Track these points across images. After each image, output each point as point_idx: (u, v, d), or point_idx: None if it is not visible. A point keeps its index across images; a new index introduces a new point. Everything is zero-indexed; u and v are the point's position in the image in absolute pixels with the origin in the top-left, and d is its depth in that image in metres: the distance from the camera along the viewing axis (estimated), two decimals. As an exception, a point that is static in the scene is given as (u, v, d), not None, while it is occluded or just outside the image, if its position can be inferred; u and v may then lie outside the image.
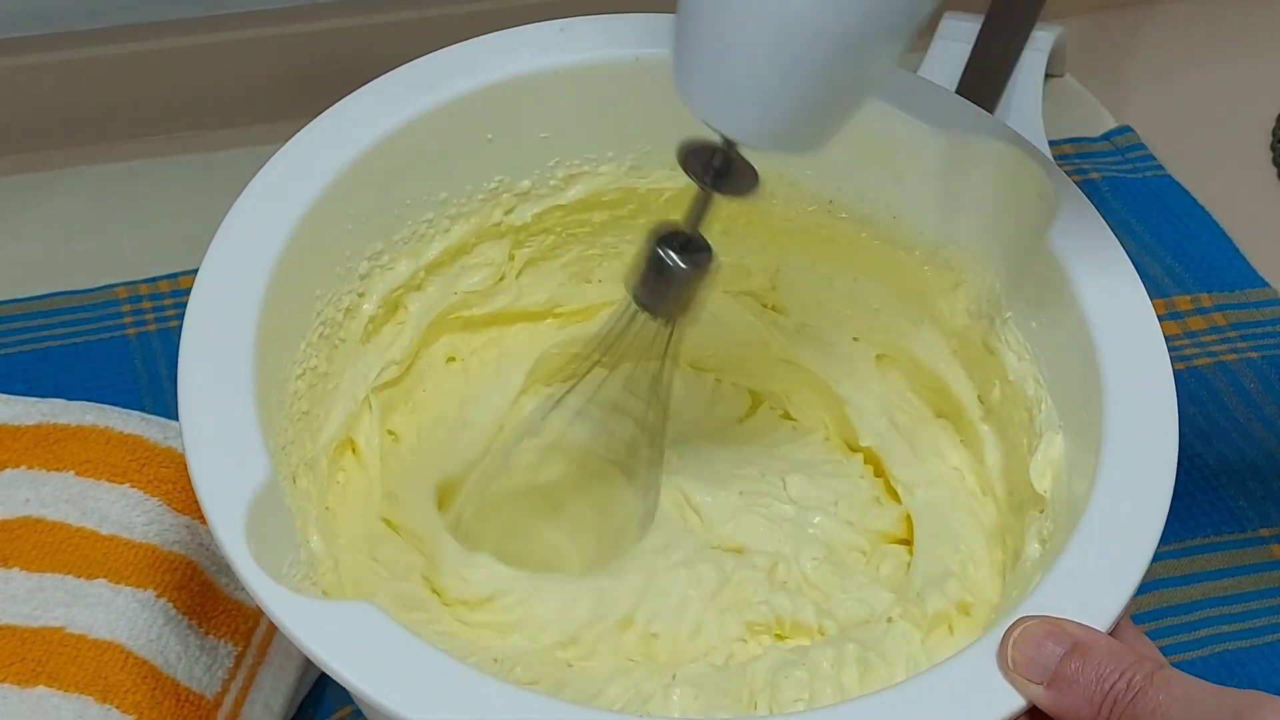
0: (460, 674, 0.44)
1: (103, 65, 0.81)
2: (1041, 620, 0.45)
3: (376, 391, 0.58)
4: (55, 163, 0.82)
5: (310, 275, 0.54)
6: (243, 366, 0.48)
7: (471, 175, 0.58)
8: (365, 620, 0.44)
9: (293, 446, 0.53)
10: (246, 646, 0.58)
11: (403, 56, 0.56)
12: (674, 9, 0.47)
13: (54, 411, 0.62)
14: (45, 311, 0.74)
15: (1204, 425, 0.70)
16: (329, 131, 0.54)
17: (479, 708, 0.43)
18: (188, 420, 0.47)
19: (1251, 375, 0.72)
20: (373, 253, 0.56)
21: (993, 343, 0.57)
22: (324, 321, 0.55)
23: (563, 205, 0.61)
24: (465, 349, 0.62)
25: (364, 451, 0.58)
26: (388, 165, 0.55)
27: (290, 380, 0.53)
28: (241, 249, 0.51)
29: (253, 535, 0.45)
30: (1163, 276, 0.77)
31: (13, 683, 0.55)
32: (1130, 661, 0.44)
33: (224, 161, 0.82)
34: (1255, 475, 0.68)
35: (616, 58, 0.57)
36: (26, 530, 0.59)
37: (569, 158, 0.59)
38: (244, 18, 0.83)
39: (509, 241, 0.61)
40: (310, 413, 0.54)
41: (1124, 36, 0.93)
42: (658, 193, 0.61)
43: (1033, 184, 0.55)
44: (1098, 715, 0.44)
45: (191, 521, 0.60)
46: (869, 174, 0.58)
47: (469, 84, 0.56)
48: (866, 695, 0.44)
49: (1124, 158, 0.84)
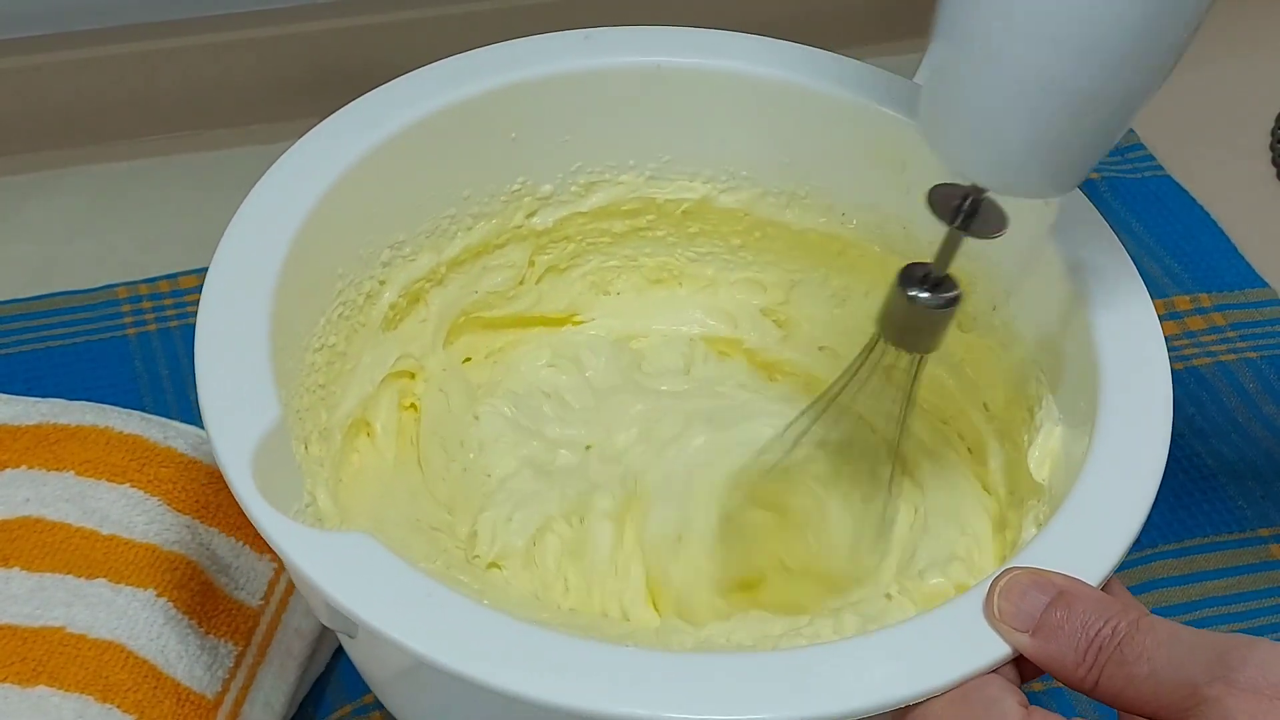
0: (458, 603, 0.44)
1: (103, 65, 0.81)
2: (1027, 570, 0.45)
3: (393, 378, 0.59)
4: (55, 163, 0.82)
5: (332, 251, 0.55)
6: (259, 323, 0.50)
7: (495, 174, 0.60)
8: (363, 550, 0.45)
9: (307, 414, 0.54)
10: (247, 646, 0.58)
11: (403, 57, 0.57)
12: (683, 20, 0.47)
13: (54, 411, 0.62)
14: (45, 311, 0.74)
15: (1203, 425, 0.70)
16: (358, 116, 0.56)
17: (479, 637, 0.43)
18: (202, 360, 0.49)
19: (1251, 375, 0.72)
20: (395, 242, 0.58)
21: (996, 345, 0.58)
22: (344, 302, 0.56)
23: (584, 212, 0.62)
24: (481, 350, 0.63)
25: (379, 435, 0.59)
26: (412, 153, 0.56)
27: (308, 352, 0.54)
28: (266, 216, 0.53)
29: (259, 471, 0.46)
30: (1162, 276, 0.77)
31: (13, 682, 0.54)
32: (1116, 610, 0.44)
33: (224, 161, 0.82)
34: (1255, 475, 0.68)
35: (639, 64, 0.59)
36: (27, 530, 0.59)
37: (590, 164, 0.61)
38: (244, 18, 0.83)
39: (530, 246, 0.62)
40: (327, 388, 0.56)
41: (1123, 36, 0.93)
42: (676, 203, 0.63)
43: None
44: (1083, 662, 0.44)
45: (192, 521, 0.60)
46: (880, 186, 0.59)
47: (495, 81, 0.58)
48: (854, 638, 0.45)
49: (1123, 157, 0.84)
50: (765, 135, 0.61)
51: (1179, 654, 0.43)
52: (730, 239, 0.64)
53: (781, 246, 0.63)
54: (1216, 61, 0.92)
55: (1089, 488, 0.48)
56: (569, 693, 0.43)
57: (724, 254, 0.65)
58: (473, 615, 0.44)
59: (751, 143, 0.61)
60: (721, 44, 0.60)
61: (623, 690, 0.43)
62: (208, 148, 0.83)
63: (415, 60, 0.58)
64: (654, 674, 0.43)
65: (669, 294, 0.66)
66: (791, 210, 0.62)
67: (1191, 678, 0.42)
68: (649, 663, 0.44)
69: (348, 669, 0.61)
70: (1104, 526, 0.47)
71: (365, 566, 0.45)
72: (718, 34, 0.60)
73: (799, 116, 0.60)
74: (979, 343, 0.59)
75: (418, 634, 0.44)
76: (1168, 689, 0.43)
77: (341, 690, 0.61)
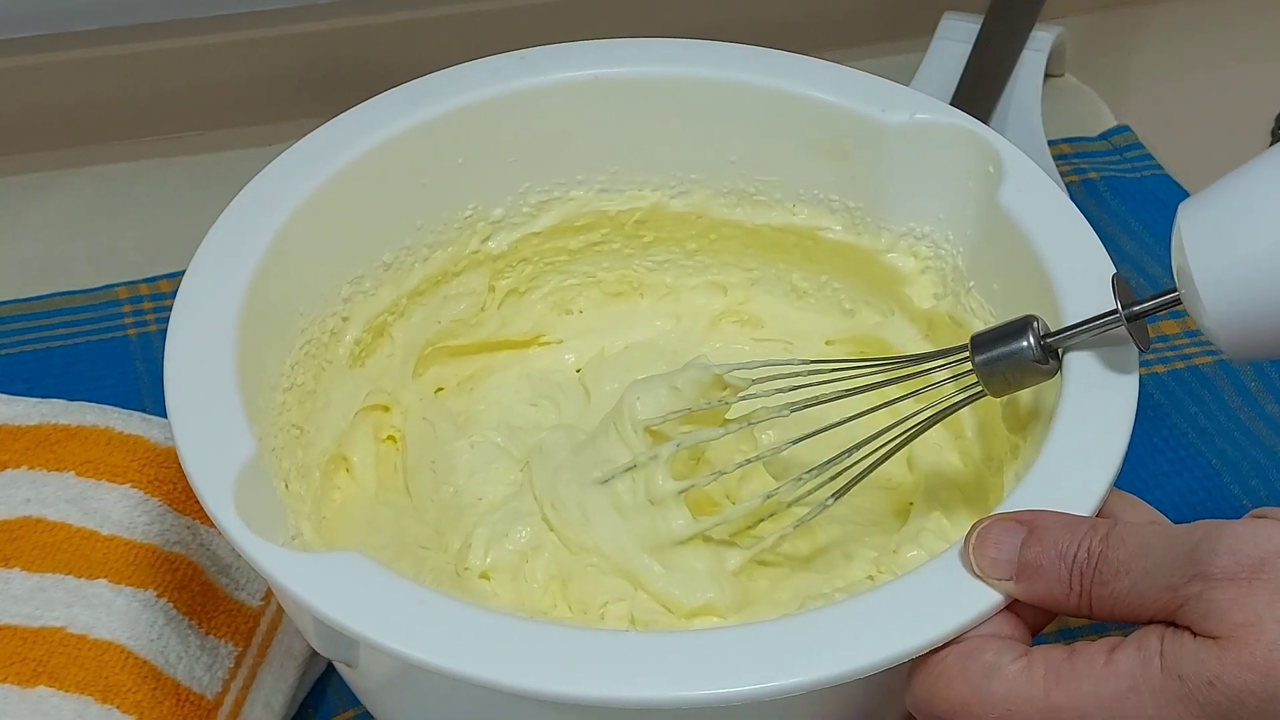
0: (455, 610, 0.45)
1: (103, 65, 0.81)
2: (993, 518, 0.46)
3: (366, 412, 0.60)
4: (56, 163, 0.82)
5: (291, 291, 0.56)
6: (225, 363, 0.51)
7: (446, 202, 0.61)
8: (352, 567, 0.45)
9: (283, 452, 0.54)
10: (247, 646, 0.58)
11: (403, 57, 0.57)
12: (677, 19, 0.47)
13: (55, 412, 0.62)
14: (46, 312, 0.74)
15: (1206, 424, 0.70)
16: (303, 154, 0.57)
17: (479, 639, 0.44)
18: (172, 398, 0.50)
19: (1253, 374, 0.72)
20: (353, 277, 0.59)
21: (959, 315, 0.59)
22: (309, 340, 0.57)
23: (537, 233, 0.63)
24: (452, 379, 0.64)
25: (357, 468, 0.59)
26: (361, 186, 0.58)
27: (278, 391, 0.55)
28: (223, 258, 0.54)
29: (241, 504, 0.47)
30: (1162, 275, 0.77)
31: (14, 683, 0.55)
32: (1084, 530, 0.45)
33: (225, 162, 0.82)
34: (1258, 474, 0.68)
35: (576, 78, 0.60)
36: (27, 530, 0.59)
37: (539, 183, 0.62)
38: (244, 18, 0.83)
39: (488, 271, 0.63)
40: (301, 426, 0.56)
41: (1124, 36, 0.93)
42: (628, 213, 0.63)
43: (981, 155, 0.57)
44: (1070, 590, 0.45)
45: (192, 522, 0.60)
46: (826, 176, 0.61)
47: (437, 109, 0.59)
48: (840, 602, 0.46)
49: (1121, 157, 0.84)
50: (709, 135, 0.62)
51: (1152, 561, 0.44)
52: (685, 244, 0.65)
53: (737, 246, 0.64)
54: (1216, 62, 0.92)
55: (1066, 425, 0.49)
56: (577, 682, 0.43)
57: (680, 259, 0.65)
58: (475, 619, 0.44)
59: (697, 144, 0.62)
60: (656, 51, 0.61)
61: (635, 675, 0.43)
62: (208, 148, 0.83)
63: (414, 60, 0.58)
64: (662, 653, 0.44)
65: (630, 307, 0.66)
66: (743, 208, 0.63)
67: (1169, 582, 0.43)
68: (654, 644, 0.44)
69: (350, 672, 0.61)
70: (1087, 457, 0.48)
71: (355, 582, 0.45)
72: (651, 42, 0.62)
73: (739, 113, 0.61)
74: (948, 316, 0.60)
75: (419, 642, 0.44)
76: (1151, 597, 0.44)
77: (343, 691, 0.60)
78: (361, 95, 0.59)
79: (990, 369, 0.51)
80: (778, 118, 0.60)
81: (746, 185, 0.62)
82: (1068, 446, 0.49)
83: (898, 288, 0.61)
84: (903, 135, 0.58)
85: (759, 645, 0.44)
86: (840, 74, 0.60)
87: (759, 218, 0.63)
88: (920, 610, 0.45)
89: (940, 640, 0.44)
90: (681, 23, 0.80)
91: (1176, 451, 0.69)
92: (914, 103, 0.59)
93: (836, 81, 0.60)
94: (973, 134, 0.58)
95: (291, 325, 0.56)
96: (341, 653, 0.48)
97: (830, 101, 0.59)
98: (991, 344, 0.52)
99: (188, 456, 0.48)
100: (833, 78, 0.60)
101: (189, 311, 0.52)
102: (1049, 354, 0.51)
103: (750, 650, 0.44)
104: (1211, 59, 0.91)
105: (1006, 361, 0.51)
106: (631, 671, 0.43)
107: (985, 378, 0.52)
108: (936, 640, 0.44)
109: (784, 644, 0.44)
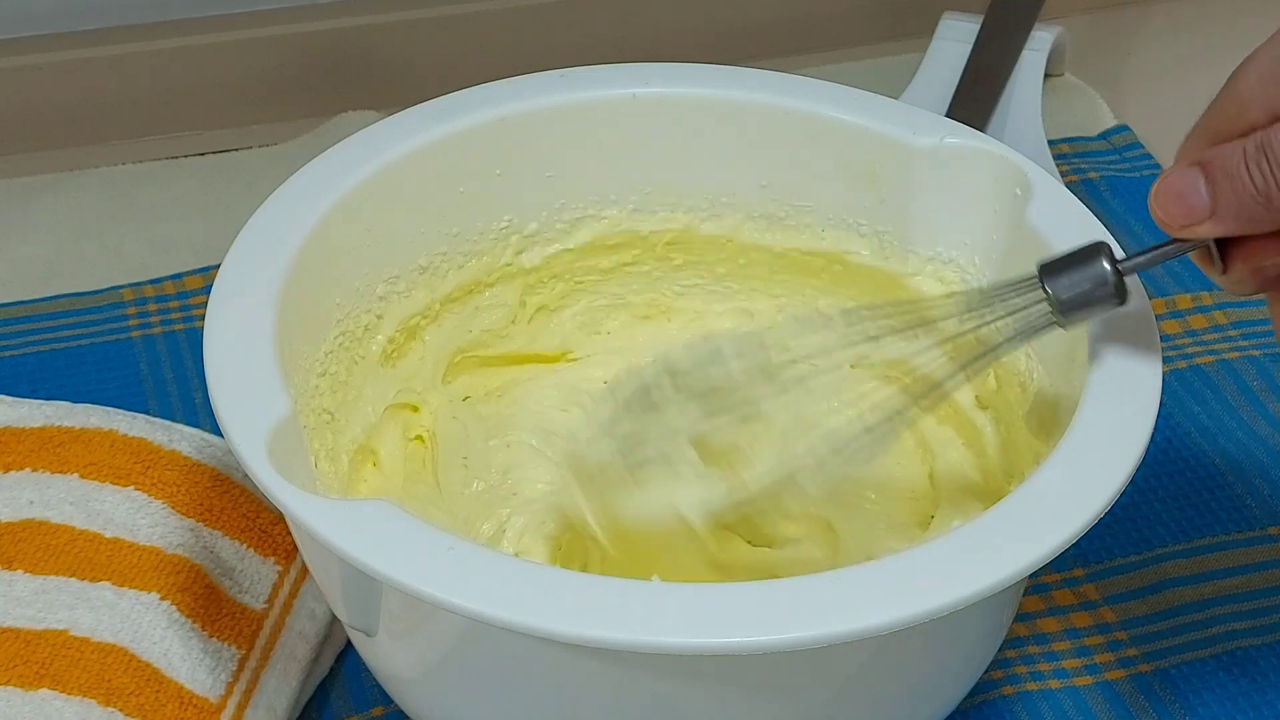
0: (486, 556, 0.45)
1: (108, 65, 0.81)
2: (1168, 171, 0.46)
3: (395, 409, 0.61)
4: (59, 164, 0.82)
5: (329, 281, 0.57)
6: (264, 333, 0.52)
7: (482, 212, 0.62)
8: (385, 514, 0.46)
9: (314, 433, 0.55)
10: (250, 649, 0.58)
11: (403, 57, 0.57)
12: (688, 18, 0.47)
13: (59, 414, 0.62)
14: (50, 314, 0.74)
15: (1208, 424, 0.70)
16: (352, 150, 0.59)
17: (509, 584, 0.44)
18: (211, 356, 0.51)
19: (1254, 373, 0.72)
20: (389, 276, 0.60)
21: (984, 335, 0.58)
22: (343, 332, 0.58)
23: (571, 249, 0.64)
24: (480, 389, 0.64)
25: (384, 463, 0.60)
26: (401, 188, 0.59)
27: (313, 376, 0.56)
28: (262, 246, 0.55)
29: (274, 454, 0.48)
30: (1163, 275, 0.77)
31: (16, 685, 0.54)
32: (1254, 139, 0.46)
33: (228, 163, 0.82)
34: (1262, 473, 0.68)
35: (614, 96, 0.61)
36: (30, 533, 0.59)
37: (574, 200, 0.63)
38: (244, 18, 0.83)
39: (520, 285, 0.64)
40: (333, 413, 0.57)
41: (1124, 36, 0.93)
42: (660, 234, 0.64)
43: (1009, 179, 0.58)
44: (1265, 204, 0.45)
45: (196, 525, 0.60)
46: (855, 199, 0.61)
47: (478, 118, 0.60)
48: (908, 551, 0.46)
49: (1121, 157, 0.84)
50: (742, 158, 0.62)
51: None
52: (715, 268, 0.65)
53: (765, 271, 0.65)
54: (1216, 61, 0.91)
55: (1090, 414, 0.50)
56: (607, 626, 0.43)
57: (709, 284, 0.66)
58: (509, 566, 0.45)
59: (729, 167, 0.63)
60: (691, 74, 0.62)
61: (678, 620, 0.43)
62: (213, 149, 0.83)
63: (415, 60, 0.58)
64: (705, 602, 0.44)
65: (658, 330, 0.66)
66: (772, 233, 0.63)
67: None
68: (697, 595, 0.44)
69: (353, 677, 0.61)
70: (1106, 450, 0.49)
71: (384, 528, 0.46)
72: (687, 66, 0.63)
73: (773, 135, 0.62)
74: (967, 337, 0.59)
75: (448, 585, 0.44)
76: None
77: (346, 695, 0.60)
78: (361, 95, 0.60)
79: (1070, 292, 0.50)
80: (810, 141, 0.61)
81: (777, 209, 0.63)
82: (1089, 438, 0.49)
83: (924, 311, 0.60)
84: (932, 159, 0.59)
85: (830, 590, 0.45)
86: (870, 99, 0.61)
87: (788, 241, 0.63)
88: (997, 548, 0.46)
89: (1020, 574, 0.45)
90: (682, 23, 0.80)
91: (1179, 452, 0.69)
92: (943, 127, 0.60)
93: (867, 106, 0.61)
94: (1001, 158, 0.58)
95: (328, 315, 0.57)
96: (365, 615, 0.49)
97: (862, 125, 0.60)
98: (1066, 269, 0.50)
99: (222, 408, 0.49)
100: (863, 103, 0.61)
101: (230, 285, 0.53)
102: (1121, 281, 0.50)
103: (817, 595, 0.45)
104: (1211, 59, 0.91)
105: (1084, 285, 0.50)
106: (671, 618, 0.44)
107: (1061, 306, 0.50)
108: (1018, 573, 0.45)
109: (869, 585, 0.45)
